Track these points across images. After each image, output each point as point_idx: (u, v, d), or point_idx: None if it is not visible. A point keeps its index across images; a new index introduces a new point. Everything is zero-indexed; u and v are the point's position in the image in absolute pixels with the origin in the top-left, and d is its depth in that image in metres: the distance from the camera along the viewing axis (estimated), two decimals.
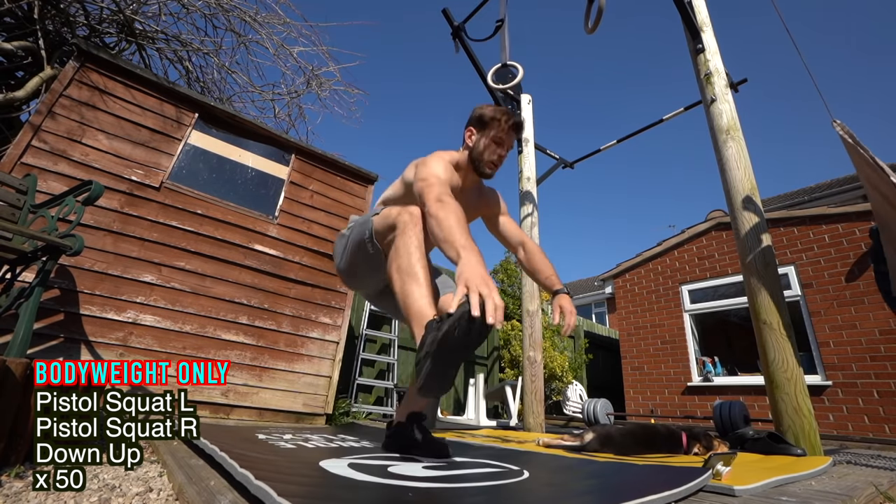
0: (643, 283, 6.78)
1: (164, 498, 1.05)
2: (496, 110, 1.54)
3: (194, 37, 4.48)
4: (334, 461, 1.13)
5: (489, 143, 1.52)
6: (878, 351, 4.55)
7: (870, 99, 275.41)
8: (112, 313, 2.47)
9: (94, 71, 2.73)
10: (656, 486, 0.90)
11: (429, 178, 1.32)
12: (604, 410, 5.41)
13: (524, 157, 4.17)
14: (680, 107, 4.01)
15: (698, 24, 2.89)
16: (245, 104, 5.20)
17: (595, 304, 14.96)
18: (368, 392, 4.75)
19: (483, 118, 1.54)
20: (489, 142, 1.52)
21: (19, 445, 1.22)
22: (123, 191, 2.68)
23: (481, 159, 1.53)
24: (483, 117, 1.54)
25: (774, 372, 2.13)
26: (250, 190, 3.26)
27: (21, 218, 2.12)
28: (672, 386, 6.06)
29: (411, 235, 1.22)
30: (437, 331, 0.95)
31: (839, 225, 5.10)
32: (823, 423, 4.64)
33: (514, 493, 0.92)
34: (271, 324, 3.04)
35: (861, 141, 1.91)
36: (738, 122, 2.63)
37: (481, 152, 1.53)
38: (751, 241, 2.36)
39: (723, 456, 1.13)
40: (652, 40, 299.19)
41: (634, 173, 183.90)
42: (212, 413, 2.66)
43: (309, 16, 6.87)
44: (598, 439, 1.76)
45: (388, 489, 0.84)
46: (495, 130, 1.52)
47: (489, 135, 1.52)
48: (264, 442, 1.52)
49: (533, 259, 1.68)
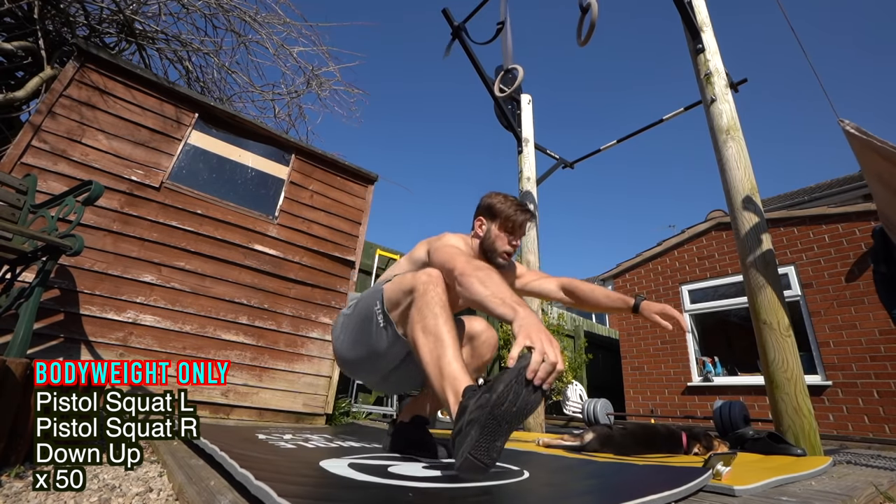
0: (643, 283, 6.78)
1: (164, 498, 1.05)
2: (507, 202, 1.51)
3: (194, 37, 4.48)
4: (334, 461, 1.13)
5: (500, 234, 1.50)
6: (878, 351, 4.55)
7: (872, 98, 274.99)
8: (112, 313, 2.47)
9: (94, 71, 2.73)
10: (656, 487, 0.90)
11: (452, 248, 1.27)
12: (604, 410, 5.41)
13: (524, 157, 4.17)
14: (680, 107, 4.01)
15: (698, 24, 2.89)
16: (245, 104, 5.20)
17: None
18: (368, 392, 4.75)
19: (493, 209, 1.51)
20: (500, 233, 1.50)
21: (19, 445, 1.22)
22: (123, 191, 2.68)
23: (494, 250, 1.50)
24: (493, 208, 1.51)
25: (774, 372, 2.13)
26: (250, 190, 3.26)
27: (21, 218, 2.12)
28: (672, 386, 6.06)
29: (433, 295, 1.11)
30: (490, 392, 0.83)
31: (839, 225, 5.10)
32: (823, 423, 4.64)
33: (513, 493, 0.92)
34: (271, 324, 3.04)
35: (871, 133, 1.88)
36: (738, 122, 2.63)
37: (493, 242, 1.50)
38: (751, 241, 2.36)
39: (723, 456, 1.13)
40: (652, 40, 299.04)
41: (634, 173, 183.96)
42: (212, 413, 2.66)
43: (309, 16, 6.86)
44: (598, 439, 1.76)
45: (388, 489, 0.84)
46: (506, 222, 1.49)
47: (500, 225, 1.49)
48: (264, 442, 1.52)
49: (581, 289, 1.62)
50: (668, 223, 35.36)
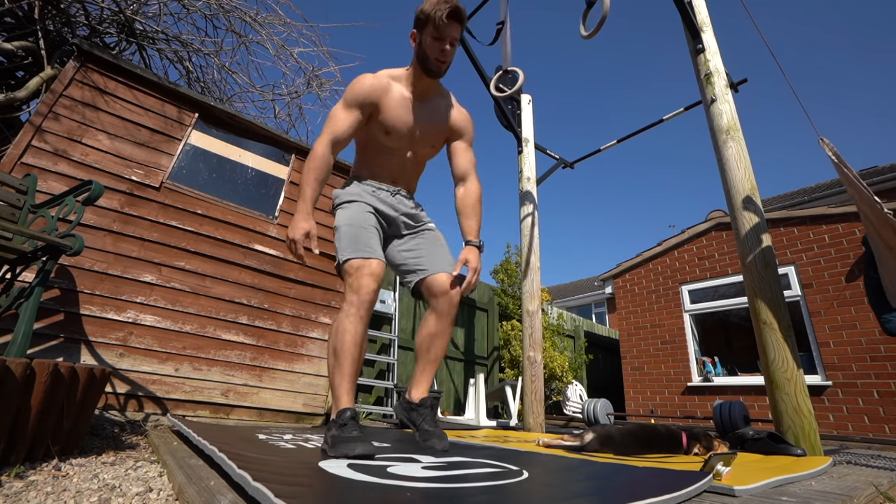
0: (643, 283, 6.78)
1: (164, 498, 1.05)
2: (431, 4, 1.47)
3: (195, 37, 4.49)
4: (334, 461, 1.13)
5: (430, 40, 1.49)
6: (878, 351, 4.55)
7: (874, 97, 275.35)
8: (112, 313, 2.47)
9: (95, 71, 2.73)
10: (657, 489, 0.90)
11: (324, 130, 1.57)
12: (604, 410, 5.41)
13: (524, 157, 4.17)
14: (680, 107, 4.01)
15: (698, 24, 2.89)
16: (245, 104, 5.21)
17: (595, 304, 14.96)
18: (368, 392, 4.75)
19: (419, 18, 1.50)
20: (430, 39, 1.49)
21: (19, 445, 1.22)
22: (123, 191, 2.68)
23: (426, 58, 1.52)
24: (419, 17, 1.50)
25: (774, 372, 2.13)
26: (250, 190, 3.26)
27: (21, 218, 2.12)
28: (672, 386, 6.05)
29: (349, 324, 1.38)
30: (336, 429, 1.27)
31: (839, 225, 5.10)
32: (823, 423, 4.64)
33: (513, 493, 0.92)
34: (271, 324, 3.04)
35: (846, 160, 1.95)
36: (738, 122, 2.63)
37: (424, 51, 1.52)
38: (751, 242, 2.36)
39: (723, 456, 1.13)
40: (652, 40, 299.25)
41: (634, 173, 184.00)
42: (212, 413, 2.66)
43: (309, 16, 6.87)
44: (598, 439, 1.76)
45: (387, 489, 0.84)
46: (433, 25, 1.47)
47: (429, 32, 1.49)
48: (264, 442, 1.52)
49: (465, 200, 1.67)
50: (668, 223, 35.36)
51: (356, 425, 1.28)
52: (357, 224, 1.58)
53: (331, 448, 1.23)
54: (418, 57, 1.55)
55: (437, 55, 1.51)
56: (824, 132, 2.11)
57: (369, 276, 1.43)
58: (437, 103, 1.67)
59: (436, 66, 1.53)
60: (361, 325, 1.39)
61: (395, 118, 1.58)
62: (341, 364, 1.35)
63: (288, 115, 5.17)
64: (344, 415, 1.29)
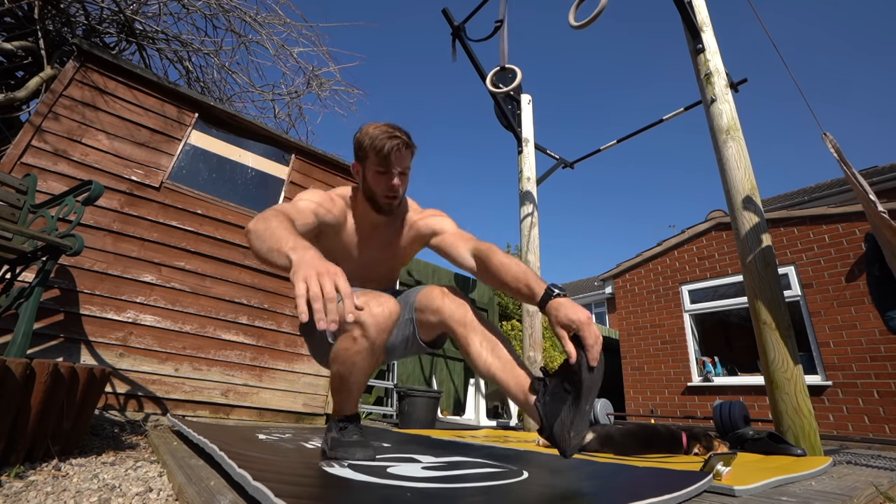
0: (643, 283, 6.78)
1: (164, 498, 1.05)
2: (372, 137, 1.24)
3: (194, 37, 4.49)
4: (334, 462, 1.13)
5: (376, 174, 1.27)
6: (878, 351, 4.55)
7: (874, 97, 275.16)
8: (112, 313, 2.47)
9: (95, 71, 2.73)
10: (657, 489, 0.90)
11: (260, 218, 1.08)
12: (604, 410, 5.42)
13: (524, 157, 4.17)
14: (680, 107, 4.01)
15: (698, 24, 2.89)
16: (245, 104, 5.21)
17: (595, 304, 14.96)
18: (368, 392, 4.75)
19: (360, 148, 1.27)
20: (373, 173, 1.27)
21: (19, 445, 1.22)
22: (123, 191, 2.68)
23: (374, 194, 1.29)
24: (360, 147, 1.27)
25: (774, 372, 2.13)
26: (250, 190, 3.26)
27: (21, 218, 2.12)
28: (672, 386, 6.05)
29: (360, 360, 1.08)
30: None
31: (839, 225, 5.10)
32: (823, 423, 4.64)
33: (513, 493, 0.92)
34: (271, 324, 3.04)
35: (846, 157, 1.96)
36: (738, 122, 2.63)
37: (370, 187, 1.29)
38: (751, 242, 2.36)
39: (723, 456, 1.13)
40: (653, 40, 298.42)
41: (634, 173, 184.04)
42: (212, 413, 2.66)
43: (309, 16, 6.87)
44: (598, 439, 1.76)
45: (387, 489, 0.84)
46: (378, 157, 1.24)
47: (374, 163, 1.26)
48: (264, 442, 1.52)
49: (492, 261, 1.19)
50: (668, 223, 35.36)
51: (356, 429, 1.26)
52: None
53: (330, 451, 1.22)
54: (365, 192, 1.32)
55: (386, 192, 1.28)
56: (826, 129, 2.12)
57: (380, 304, 1.07)
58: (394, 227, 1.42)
59: (386, 204, 1.30)
60: (374, 360, 1.11)
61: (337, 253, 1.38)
62: (346, 390, 1.18)
63: (288, 115, 5.18)
64: (346, 419, 1.26)
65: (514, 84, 3.46)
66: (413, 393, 3.32)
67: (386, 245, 1.42)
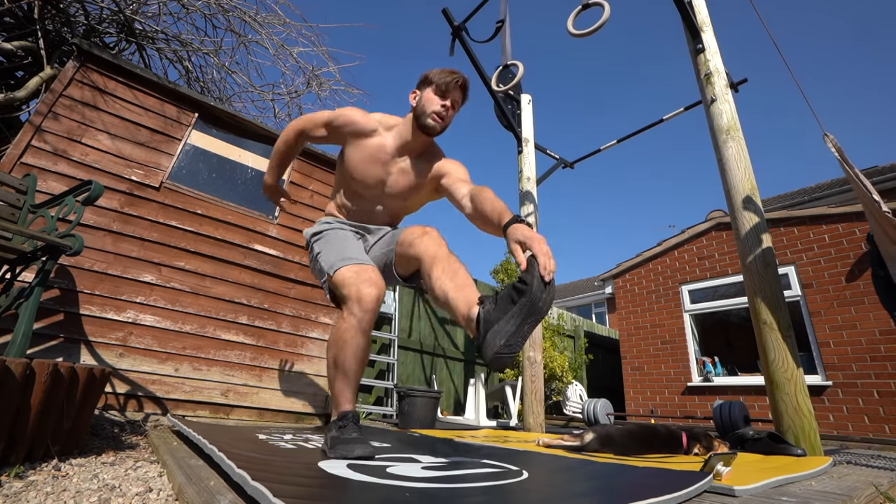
0: (643, 283, 6.78)
1: (164, 498, 1.05)
2: (438, 70, 1.48)
3: (194, 37, 4.49)
4: (333, 462, 1.13)
5: (431, 95, 1.46)
6: (878, 351, 4.55)
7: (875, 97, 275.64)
8: (112, 313, 2.47)
9: (95, 71, 2.73)
10: (657, 489, 0.90)
11: None
12: (604, 410, 5.41)
13: (524, 157, 4.16)
14: (680, 107, 4.01)
15: (698, 24, 2.89)
16: (245, 104, 5.20)
17: (595, 304, 14.97)
18: (368, 392, 4.75)
19: (425, 78, 1.50)
20: (431, 94, 1.46)
21: (19, 445, 1.22)
22: (123, 191, 2.68)
23: (423, 112, 1.45)
24: (425, 78, 1.50)
25: (774, 372, 2.13)
26: (250, 190, 3.26)
27: (21, 218, 2.12)
28: (672, 386, 6.05)
29: (350, 338, 1.26)
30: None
31: (839, 225, 5.10)
32: (823, 423, 4.64)
33: (513, 493, 0.92)
34: (271, 324, 3.04)
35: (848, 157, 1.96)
36: (738, 122, 2.63)
37: (423, 106, 1.46)
38: (751, 242, 2.36)
39: (723, 456, 1.13)
40: (653, 40, 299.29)
41: (634, 173, 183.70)
42: (212, 413, 2.66)
43: (309, 16, 6.87)
44: (598, 439, 1.76)
45: (386, 489, 0.84)
46: (437, 85, 1.45)
47: (431, 89, 1.46)
48: (264, 442, 1.52)
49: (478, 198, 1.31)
50: (668, 223, 35.36)
51: (356, 427, 1.28)
52: (338, 238, 1.53)
53: (330, 449, 1.23)
54: (415, 112, 1.49)
55: (437, 109, 1.44)
56: (826, 129, 2.12)
57: (368, 283, 1.28)
58: (420, 163, 1.55)
59: (433, 122, 1.45)
60: (363, 338, 1.27)
61: (359, 164, 1.53)
62: (342, 376, 1.30)
63: (288, 115, 5.17)
64: (344, 416, 1.29)
65: (517, 79, 3.44)
66: (413, 393, 3.31)
67: (408, 173, 1.54)
